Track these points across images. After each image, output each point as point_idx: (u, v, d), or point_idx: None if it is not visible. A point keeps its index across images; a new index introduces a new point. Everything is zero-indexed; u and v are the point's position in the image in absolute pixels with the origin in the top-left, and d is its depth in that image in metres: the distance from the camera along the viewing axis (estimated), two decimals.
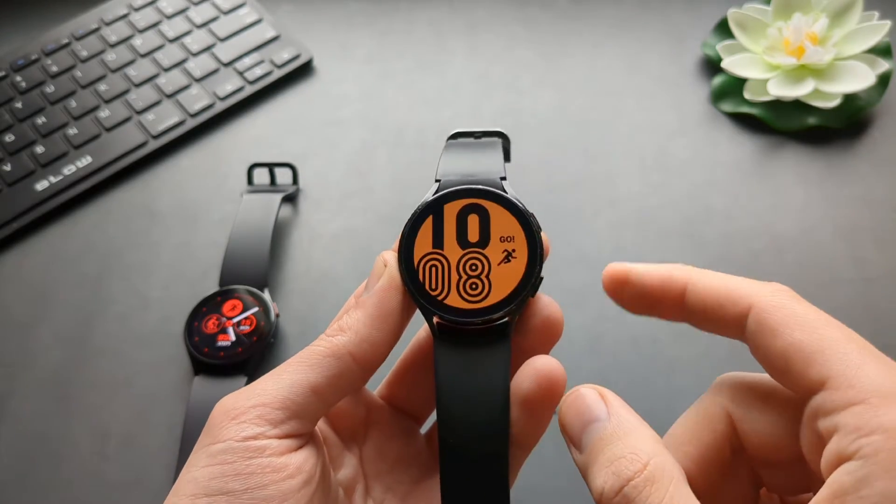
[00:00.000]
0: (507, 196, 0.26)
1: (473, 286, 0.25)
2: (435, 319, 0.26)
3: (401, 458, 0.27)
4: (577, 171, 0.47)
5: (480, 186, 0.26)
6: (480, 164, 0.27)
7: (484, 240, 0.26)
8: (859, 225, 0.43)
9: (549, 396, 0.24)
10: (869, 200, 0.44)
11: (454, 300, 0.25)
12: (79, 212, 0.47)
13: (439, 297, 0.25)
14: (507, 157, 0.31)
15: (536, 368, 0.24)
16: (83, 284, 0.44)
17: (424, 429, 0.29)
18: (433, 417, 0.27)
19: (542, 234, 0.26)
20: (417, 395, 0.28)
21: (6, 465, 0.38)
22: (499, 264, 0.25)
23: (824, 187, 0.45)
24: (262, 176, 0.47)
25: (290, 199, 0.47)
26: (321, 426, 0.26)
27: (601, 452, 0.21)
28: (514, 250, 0.25)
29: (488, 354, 0.25)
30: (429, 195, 0.26)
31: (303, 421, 0.24)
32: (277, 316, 0.41)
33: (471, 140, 0.29)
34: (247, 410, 0.23)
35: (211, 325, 0.40)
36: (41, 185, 0.47)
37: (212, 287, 0.42)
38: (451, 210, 0.26)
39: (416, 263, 0.26)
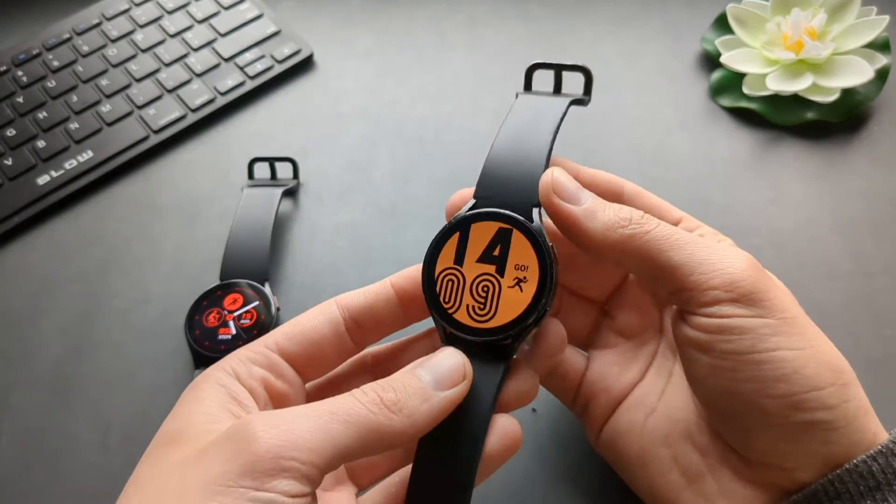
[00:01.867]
0: (531, 227, 0.27)
1: (481, 307, 0.27)
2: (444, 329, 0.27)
3: None
4: None
5: (508, 213, 0.27)
6: (517, 185, 0.28)
7: (500, 265, 0.27)
8: (858, 219, 0.44)
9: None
10: (867, 194, 0.44)
11: (462, 316, 0.27)
12: (80, 206, 0.47)
13: (450, 311, 0.27)
14: (584, 101, 0.33)
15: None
16: (84, 278, 0.44)
17: None
18: None
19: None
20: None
21: (7, 458, 0.38)
22: (508, 289, 0.27)
23: (823, 182, 0.45)
24: (262, 170, 0.47)
25: (291, 193, 0.47)
26: None
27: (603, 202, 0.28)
28: (525, 279, 0.26)
29: (484, 370, 0.26)
30: (462, 211, 0.28)
31: (321, 481, 0.22)
32: (278, 310, 0.41)
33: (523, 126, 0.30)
34: (299, 461, 0.21)
35: (212, 318, 0.40)
36: (42, 180, 0.47)
37: (213, 281, 0.42)
38: (476, 230, 0.27)
39: (436, 274, 0.27)
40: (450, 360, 0.25)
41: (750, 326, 0.26)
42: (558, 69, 0.32)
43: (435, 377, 0.25)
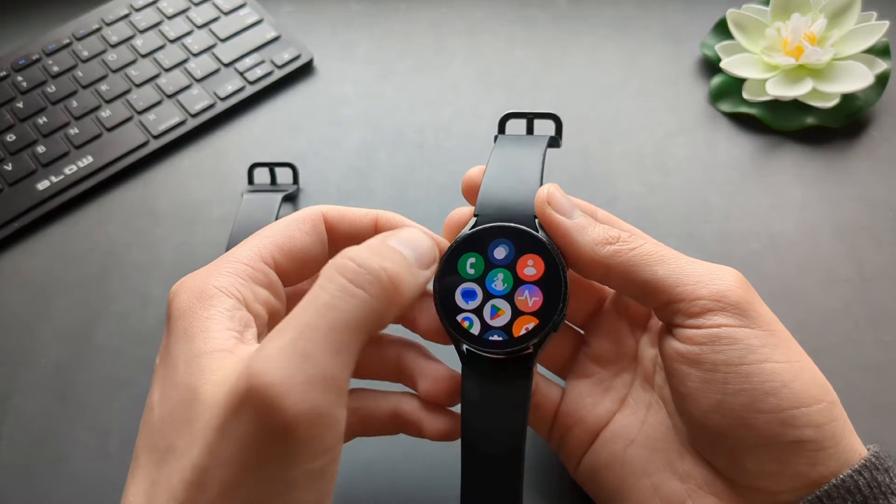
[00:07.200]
0: (539, 237, 0.27)
1: (500, 319, 0.27)
2: (464, 346, 0.27)
3: None
4: (576, 171, 0.47)
5: (515, 225, 0.27)
6: (515, 201, 0.28)
7: (513, 275, 0.27)
8: (857, 224, 0.44)
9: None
10: (867, 200, 0.44)
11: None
12: (80, 211, 0.47)
13: (470, 329, 0.27)
14: (557, 142, 0.33)
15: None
16: (84, 283, 0.44)
17: None
18: None
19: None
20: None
21: (8, 464, 0.38)
22: (524, 300, 0.27)
23: (822, 187, 0.45)
24: (262, 175, 0.47)
25: (291, 198, 0.47)
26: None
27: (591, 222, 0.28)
28: (540, 288, 0.27)
29: (510, 388, 0.27)
30: (466, 229, 0.28)
31: None
32: None
33: (514, 144, 0.31)
34: (333, 419, 0.23)
35: None
36: (42, 185, 0.47)
37: None
38: (485, 245, 0.27)
39: (450, 293, 0.27)
40: (425, 240, 0.26)
41: (740, 336, 0.26)
42: (530, 117, 0.33)
43: (416, 254, 0.25)
